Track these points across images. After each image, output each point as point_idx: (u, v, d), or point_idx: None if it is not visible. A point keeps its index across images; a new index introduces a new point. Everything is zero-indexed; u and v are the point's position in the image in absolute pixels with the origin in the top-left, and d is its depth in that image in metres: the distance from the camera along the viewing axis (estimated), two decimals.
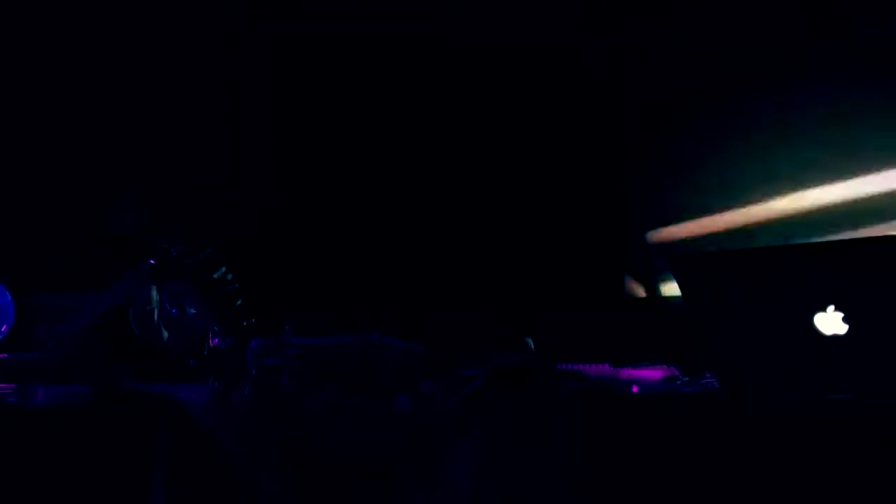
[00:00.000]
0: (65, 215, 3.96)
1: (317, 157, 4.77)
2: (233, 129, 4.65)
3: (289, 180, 4.69)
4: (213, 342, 3.25)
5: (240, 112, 4.68)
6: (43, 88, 4.24)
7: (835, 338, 2.08)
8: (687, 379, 2.65)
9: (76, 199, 3.95)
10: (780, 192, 4.16)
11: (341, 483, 2.51)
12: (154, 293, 3.23)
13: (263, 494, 2.51)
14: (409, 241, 4.69)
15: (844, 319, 2.07)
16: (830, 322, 2.09)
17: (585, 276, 4.83)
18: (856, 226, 3.94)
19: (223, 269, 3.53)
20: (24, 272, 3.45)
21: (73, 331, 3.11)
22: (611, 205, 4.85)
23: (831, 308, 2.08)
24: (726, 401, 2.28)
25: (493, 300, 4.53)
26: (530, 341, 2.93)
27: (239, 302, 3.53)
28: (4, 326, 3.19)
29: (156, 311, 3.20)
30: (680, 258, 2.28)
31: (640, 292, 4.70)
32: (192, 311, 3.26)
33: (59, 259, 3.80)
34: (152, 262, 3.28)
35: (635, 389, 2.55)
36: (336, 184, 4.76)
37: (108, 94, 4.33)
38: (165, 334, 3.18)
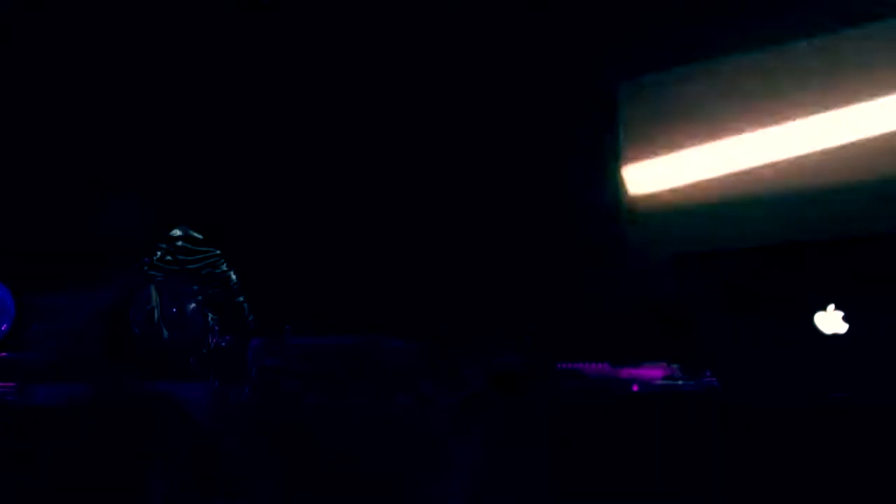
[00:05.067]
0: (64, 215, 3.96)
1: (317, 157, 4.77)
2: (231, 130, 4.65)
3: (289, 180, 4.69)
4: (213, 341, 3.25)
5: (237, 113, 4.68)
6: (43, 91, 4.24)
7: (835, 337, 2.08)
8: (687, 378, 2.65)
9: (76, 199, 3.94)
10: None
11: (341, 483, 2.51)
12: (154, 292, 3.22)
13: (262, 493, 2.51)
14: (409, 241, 4.68)
15: (844, 319, 2.07)
16: (830, 322, 2.09)
17: (585, 276, 4.82)
18: None
19: (224, 266, 3.54)
20: (24, 272, 3.45)
21: (71, 330, 3.11)
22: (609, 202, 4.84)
23: (831, 308, 2.08)
24: (726, 400, 2.28)
25: (493, 300, 4.53)
26: (530, 340, 2.93)
27: (241, 299, 3.53)
28: (5, 325, 3.19)
29: (156, 311, 3.20)
30: (681, 257, 2.28)
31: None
32: (192, 310, 3.26)
33: (58, 259, 3.80)
34: (148, 261, 3.29)
35: (635, 389, 2.55)
36: (337, 183, 4.76)
37: (107, 95, 4.33)
38: (166, 333, 3.18)
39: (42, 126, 4.26)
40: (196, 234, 3.55)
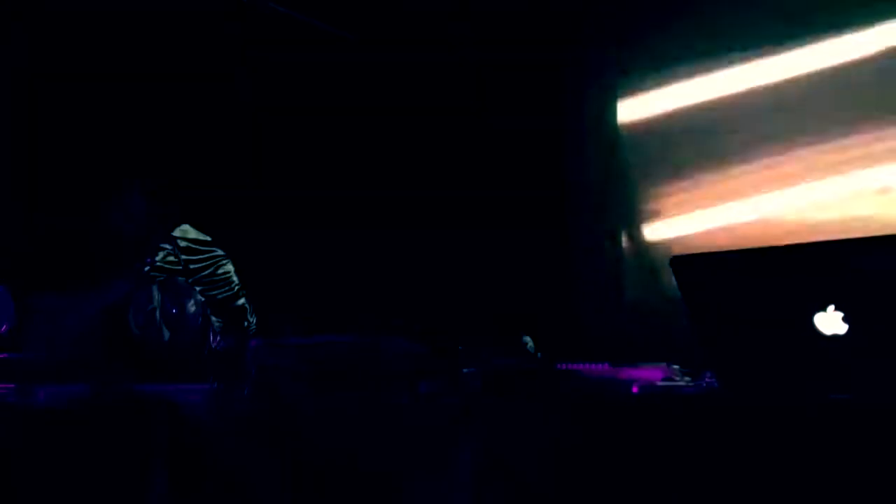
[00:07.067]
0: (64, 215, 3.96)
1: (318, 157, 4.78)
2: (231, 129, 4.65)
3: (290, 180, 4.69)
4: (214, 342, 3.25)
5: (237, 112, 4.68)
6: (43, 90, 4.24)
7: (835, 338, 2.08)
8: (687, 379, 2.64)
9: (76, 199, 3.95)
10: None
11: (341, 483, 2.51)
12: (156, 293, 3.22)
13: (262, 494, 2.51)
14: (409, 241, 4.69)
15: (844, 319, 2.07)
16: (830, 322, 2.08)
17: (585, 276, 4.82)
18: None
19: (228, 267, 3.55)
20: (24, 272, 3.45)
21: (72, 331, 3.11)
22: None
23: (831, 308, 2.08)
24: (726, 401, 2.28)
25: (493, 300, 4.53)
26: (529, 341, 2.93)
27: (242, 301, 3.54)
28: (4, 326, 3.19)
29: (157, 311, 3.19)
30: (680, 258, 2.28)
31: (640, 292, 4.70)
32: (193, 310, 3.25)
33: (58, 259, 3.80)
34: (150, 261, 3.29)
35: (635, 389, 2.55)
36: (337, 183, 4.76)
37: (108, 94, 4.33)
38: (167, 334, 3.18)
39: (42, 125, 4.26)
40: (202, 235, 3.57)
